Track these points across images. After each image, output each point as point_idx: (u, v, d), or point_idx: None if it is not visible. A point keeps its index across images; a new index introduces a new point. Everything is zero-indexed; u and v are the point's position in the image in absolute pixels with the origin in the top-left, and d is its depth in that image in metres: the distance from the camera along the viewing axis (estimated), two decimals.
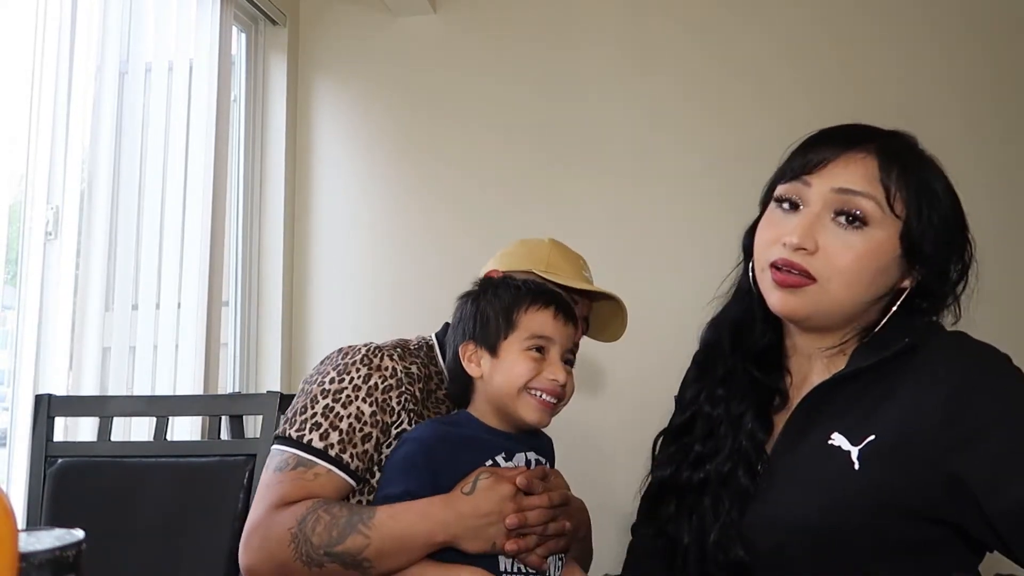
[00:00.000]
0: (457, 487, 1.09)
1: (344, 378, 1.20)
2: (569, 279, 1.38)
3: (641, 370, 2.26)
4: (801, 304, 0.97)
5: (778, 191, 1.02)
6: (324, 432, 1.16)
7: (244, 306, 2.53)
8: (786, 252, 0.97)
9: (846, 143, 0.99)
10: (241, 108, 2.58)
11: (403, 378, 1.21)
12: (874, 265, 0.96)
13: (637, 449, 1.21)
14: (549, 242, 1.46)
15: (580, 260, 1.47)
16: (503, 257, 1.44)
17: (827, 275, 0.96)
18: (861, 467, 0.92)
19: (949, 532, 0.93)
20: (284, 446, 1.17)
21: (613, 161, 2.45)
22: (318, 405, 1.18)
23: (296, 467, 1.14)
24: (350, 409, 1.17)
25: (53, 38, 1.78)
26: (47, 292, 1.78)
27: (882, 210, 0.96)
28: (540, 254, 1.42)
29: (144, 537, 1.61)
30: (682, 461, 1.09)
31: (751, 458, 1.02)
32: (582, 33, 2.51)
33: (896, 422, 0.92)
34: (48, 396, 1.72)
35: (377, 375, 1.20)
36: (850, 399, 0.97)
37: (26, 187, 1.75)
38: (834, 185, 0.97)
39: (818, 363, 1.03)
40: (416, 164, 2.58)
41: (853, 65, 2.34)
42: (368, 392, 1.18)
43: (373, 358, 1.21)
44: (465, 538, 1.07)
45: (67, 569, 0.55)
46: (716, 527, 1.01)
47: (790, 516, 0.96)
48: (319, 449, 1.15)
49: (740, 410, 1.05)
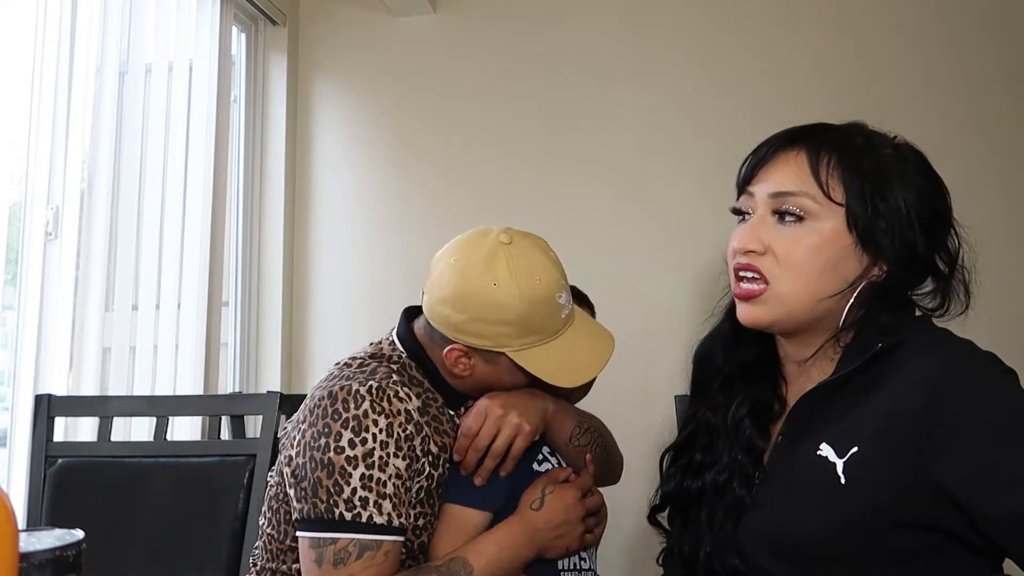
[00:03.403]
0: (525, 503, 1.17)
1: (366, 437, 1.07)
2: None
3: (641, 367, 2.26)
4: (762, 312, 0.99)
5: (734, 207, 1.04)
6: (376, 503, 1.06)
7: (244, 306, 2.53)
8: (740, 258, 0.99)
9: (779, 145, 1.01)
10: (241, 108, 2.58)
11: (418, 419, 1.12)
12: (823, 256, 0.96)
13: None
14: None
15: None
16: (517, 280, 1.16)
17: (777, 274, 0.97)
18: (847, 481, 0.91)
19: (945, 538, 0.91)
20: (334, 532, 1.06)
21: (614, 161, 2.44)
22: (352, 477, 1.06)
23: (361, 554, 1.05)
24: (389, 470, 1.07)
25: (53, 38, 1.78)
26: (47, 292, 1.77)
27: (819, 203, 0.96)
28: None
29: (144, 537, 1.62)
30: (684, 472, 1.10)
31: (747, 469, 1.02)
32: (583, 33, 2.50)
33: (876, 430, 0.91)
34: (48, 396, 1.72)
35: (396, 422, 1.09)
36: (837, 406, 0.96)
37: (26, 187, 1.75)
38: (770, 190, 0.99)
39: (812, 369, 1.02)
40: (416, 164, 2.58)
41: (863, 55, 2.33)
42: (397, 446, 1.09)
43: (382, 402, 1.09)
44: (546, 550, 1.16)
45: (67, 569, 0.55)
46: (711, 537, 1.02)
47: (784, 529, 0.96)
48: (382, 525, 1.06)
49: (739, 416, 1.05)
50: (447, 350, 1.16)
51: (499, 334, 1.13)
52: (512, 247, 1.15)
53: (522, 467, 1.20)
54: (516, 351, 1.14)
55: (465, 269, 1.14)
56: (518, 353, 1.14)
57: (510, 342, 1.14)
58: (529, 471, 1.22)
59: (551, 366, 1.16)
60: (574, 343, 1.18)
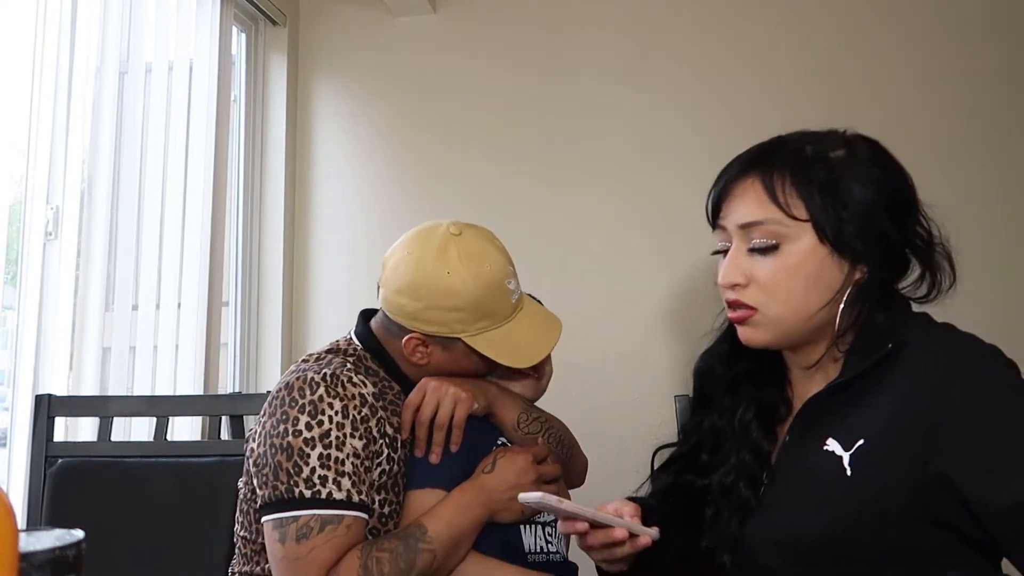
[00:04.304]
0: (479, 469, 1.22)
1: (322, 419, 1.12)
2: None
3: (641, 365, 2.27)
4: (758, 333, 1.01)
5: (715, 250, 1.06)
6: (336, 480, 1.10)
7: (244, 306, 2.53)
8: (727, 293, 1.02)
9: (734, 175, 1.03)
10: (241, 108, 2.58)
11: (372, 402, 1.18)
12: (803, 275, 0.97)
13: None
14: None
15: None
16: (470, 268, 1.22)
17: (764, 301, 0.99)
18: (853, 473, 0.92)
19: (951, 536, 0.91)
20: (295, 510, 1.10)
21: (615, 162, 2.44)
22: (311, 457, 1.10)
23: (323, 528, 1.09)
24: (346, 449, 1.12)
25: (53, 38, 1.78)
26: (47, 292, 1.77)
27: (785, 225, 0.97)
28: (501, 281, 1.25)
29: (144, 537, 1.62)
30: (688, 468, 1.11)
31: (754, 471, 1.03)
32: (583, 34, 2.50)
33: (883, 425, 0.92)
34: (48, 396, 1.72)
35: (351, 405, 1.15)
36: (844, 405, 0.97)
37: (26, 187, 1.75)
38: (737, 222, 1.01)
39: (817, 373, 1.03)
40: (416, 163, 2.58)
41: (859, 52, 2.33)
42: (353, 427, 1.14)
43: (337, 387, 1.14)
44: (499, 512, 1.19)
45: (67, 569, 0.55)
46: (711, 535, 1.02)
47: (791, 526, 0.96)
48: (341, 500, 1.10)
49: (747, 420, 1.06)
50: (405, 339, 1.22)
51: (453, 320, 1.20)
52: (461, 238, 1.22)
53: (481, 449, 1.25)
54: (471, 336, 1.21)
55: (419, 260, 1.20)
56: (473, 338, 1.21)
57: (464, 327, 1.20)
58: (488, 453, 1.27)
59: (504, 349, 1.22)
60: (524, 327, 1.25)
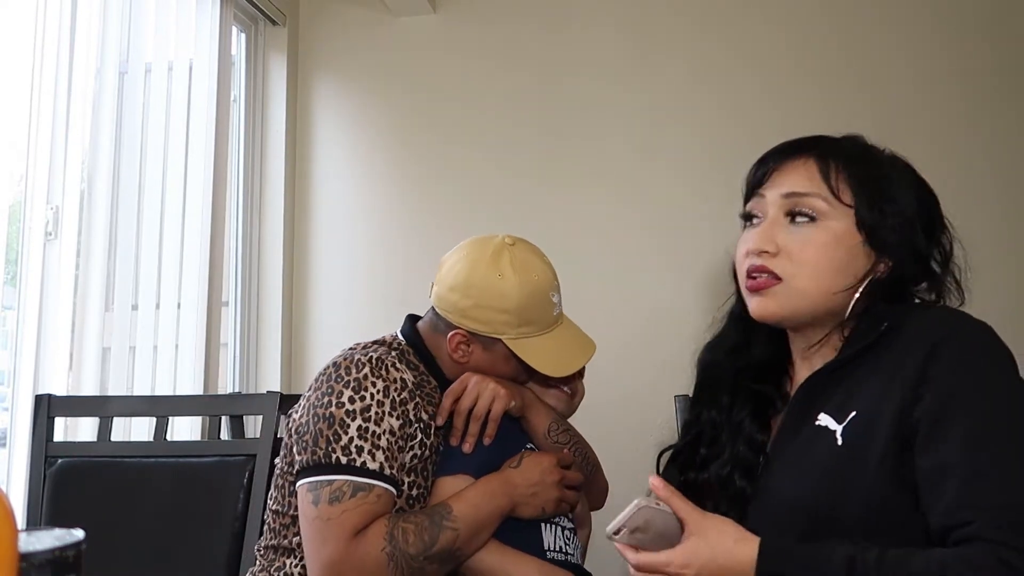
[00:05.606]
0: (505, 464, 1.27)
1: (364, 395, 1.19)
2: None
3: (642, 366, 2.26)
4: (774, 304, 1.03)
5: (743, 211, 1.09)
6: (371, 452, 1.17)
7: (244, 306, 2.53)
8: (753, 259, 1.04)
9: (789, 153, 1.07)
10: (241, 108, 2.58)
11: (412, 388, 1.24)
12: (836, 254, 1.01)
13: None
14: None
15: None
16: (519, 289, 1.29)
17: (791, 271, 1.01)
18: (844, 443, 0.96)
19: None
20: (331, 475, 1.16)
21: (615, 162, 2.44)
22: (350, 428, 1.17)
23: (355, 494, 1.15)
24: (383, 426, 1.19)
25: (53, 38, 1.78)
26: (47, 292, 1.77)
27: (829, 204, 1.02)
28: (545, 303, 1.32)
29: (144, 537, 1.62)
30: (689, 464, 1.13)
31: (749, 461, 1.06)
32: (583, 34, 2.51)
33: (876, 394, 0.96)
34: (48, 396, 1.72)
35: (393, 387, 1.21)
36: (839, 384, 1.01)
37: (26, 187, 1.75)
38: (782, 191, 1.04)
39: (815, 356, 1.07)
40: (416, 164, 2.58)
41: (859, 52, 2.34)
42: (392, 406, 1.20)
43: (380, 370, 1.22)
44: (521, 505, 1.24)
45: (67, 569, 0.55)
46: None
47: (783, 502, 0.99)
48: (374, 470, 1.17)
49: (740, 416, 1.10)
50: (450, 335, 1.29)
51: (499, 321, 1.27)
52: (515, 248, 1.31)
53: (510, 449, 1.29)
54: (512, 339, 1.28)
55: (474, 262, 1.29)
56: (513, 341, 1.28)
57: (507, 330, 1.28)
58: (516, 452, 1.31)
59: (540, 356, 1.29)
60: (562, 340, 1.33)
